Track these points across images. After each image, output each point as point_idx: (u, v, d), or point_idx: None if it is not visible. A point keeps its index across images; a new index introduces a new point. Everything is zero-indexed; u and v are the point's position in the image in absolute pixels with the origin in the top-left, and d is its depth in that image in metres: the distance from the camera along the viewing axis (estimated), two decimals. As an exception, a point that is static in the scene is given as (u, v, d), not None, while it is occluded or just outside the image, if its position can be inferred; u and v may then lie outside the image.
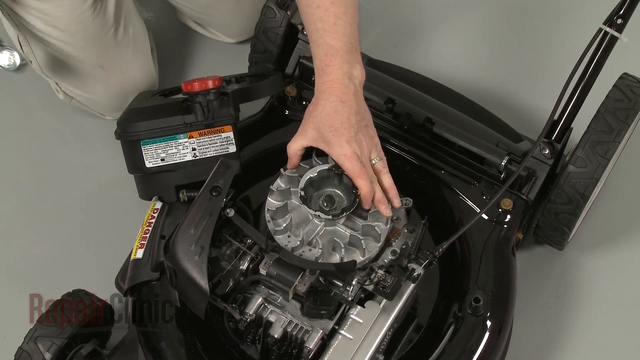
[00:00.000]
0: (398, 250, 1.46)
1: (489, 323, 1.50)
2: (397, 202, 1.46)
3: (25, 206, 1.90)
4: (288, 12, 1.79)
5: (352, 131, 1.42)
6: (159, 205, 1.60)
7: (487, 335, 1.49)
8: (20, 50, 1.84)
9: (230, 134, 1.58)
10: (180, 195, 1.59)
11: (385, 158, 1.48)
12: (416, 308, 1.56)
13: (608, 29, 1.57)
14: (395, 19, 2.24)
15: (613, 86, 1.64)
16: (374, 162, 1.46)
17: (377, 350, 1.40)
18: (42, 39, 1.77)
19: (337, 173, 1.45)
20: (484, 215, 1.61)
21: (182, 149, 1.58)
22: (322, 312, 1.41)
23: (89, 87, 1.88)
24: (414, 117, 1.70)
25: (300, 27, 1.80)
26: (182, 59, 2.13)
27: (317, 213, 1.42)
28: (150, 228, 1.55)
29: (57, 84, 1.92)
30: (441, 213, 1.64)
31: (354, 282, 1.41)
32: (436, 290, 1.59)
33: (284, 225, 1.42)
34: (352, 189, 1.44)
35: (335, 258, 1.41)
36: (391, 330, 1.43)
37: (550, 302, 1.78)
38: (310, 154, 1.48)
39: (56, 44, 1.77)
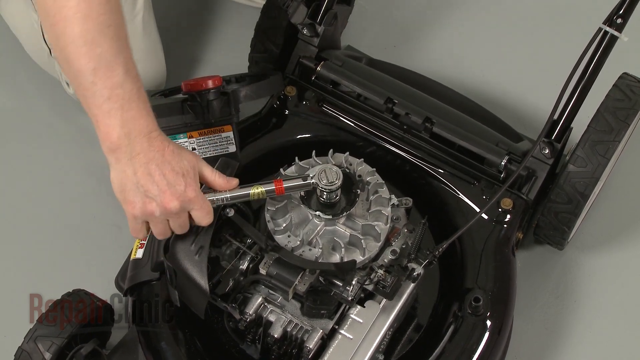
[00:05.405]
0: (398, 250, 1.46)
1: (488, 323, 1.50)
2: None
3: (25, 205, 1.90)
4: (288, 12, 1.79)
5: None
6: (159, 205, 1.59)
7: (487, 335, 1.49)
8: (43, 37, 1.84)
9: (230, 134, 1.58)
10: (180, 195, 1.59)
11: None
12: (416, 308, 1.56)
13: (608, 29, 1.57)
14: (395, 19, 2.24)
15: (613, 86, 1.64)
16: None
17: (377, 350, 1.40)
18: None
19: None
20: (483, 215, 1.60)
21: (182, 149, 1.58)
22: (322, 311, 1.41)
23: None
24: (413, 116, 1.70)
25: (300, 27, 1.80)
26: (182, 59, 2.13)
27: (317, 213, 1.42)
28: (150, 228, 1.55)
29: None
30: (441, 213, 1.64)
31: (353, 282, 1.40)
32: (436, 290, 1.59)
33: (284, 225, 1.42)
34: (351, 189, 1.44)
35: (335, 258, 1.41)
36: (391, 329, 1.43)
37: (550, 302, 1.78)
38: (310, 154, 1.48)
39: None
